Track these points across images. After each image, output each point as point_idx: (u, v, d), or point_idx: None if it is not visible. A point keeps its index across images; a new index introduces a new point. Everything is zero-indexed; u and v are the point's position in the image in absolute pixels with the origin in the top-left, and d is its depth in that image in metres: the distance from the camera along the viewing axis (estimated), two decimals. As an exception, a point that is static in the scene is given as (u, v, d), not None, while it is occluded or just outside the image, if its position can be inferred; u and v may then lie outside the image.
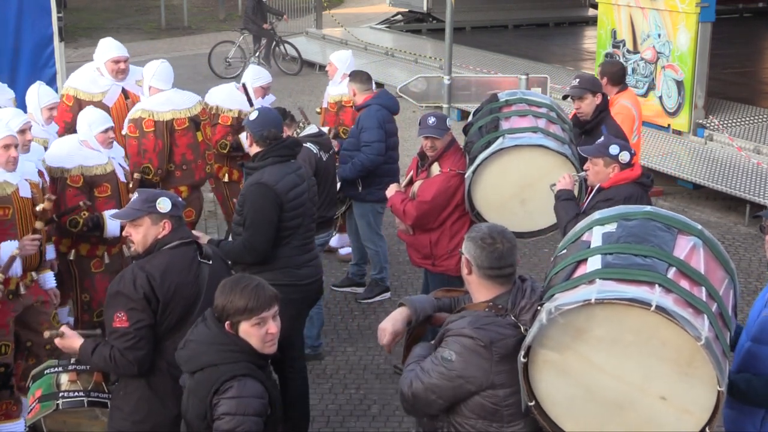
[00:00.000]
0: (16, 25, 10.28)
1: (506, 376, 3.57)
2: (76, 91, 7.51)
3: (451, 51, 10.59)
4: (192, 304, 4.34)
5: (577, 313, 3.33)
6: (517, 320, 3.61)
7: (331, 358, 7.11)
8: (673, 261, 3.44)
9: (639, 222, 3.60)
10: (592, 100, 6.97)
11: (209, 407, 3.68)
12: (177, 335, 4.25)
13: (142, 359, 4.27)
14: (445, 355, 3.60)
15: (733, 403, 4.03)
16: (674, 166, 10.83)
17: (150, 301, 4.25)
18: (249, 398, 3.65)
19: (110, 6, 28.83)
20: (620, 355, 3.34)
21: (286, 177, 5.51)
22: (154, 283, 4.26)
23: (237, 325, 3.75)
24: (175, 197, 4.57)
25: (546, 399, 3.50)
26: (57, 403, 4.50)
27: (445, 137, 6.27)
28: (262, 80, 8.14)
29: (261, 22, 18.21)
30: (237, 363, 3.72)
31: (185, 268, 4.38)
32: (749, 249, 9.19)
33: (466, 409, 3.64)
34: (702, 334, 3.20)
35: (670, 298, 3.28)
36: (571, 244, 3.72)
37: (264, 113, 5.65)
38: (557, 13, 21.74)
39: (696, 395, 3.30)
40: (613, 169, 5.63)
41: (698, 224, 3.70)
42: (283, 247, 5.54)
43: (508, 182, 6.07)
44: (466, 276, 3.78)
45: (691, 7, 10.98)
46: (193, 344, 3.83)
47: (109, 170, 6.25)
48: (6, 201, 5.47)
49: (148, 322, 4.26)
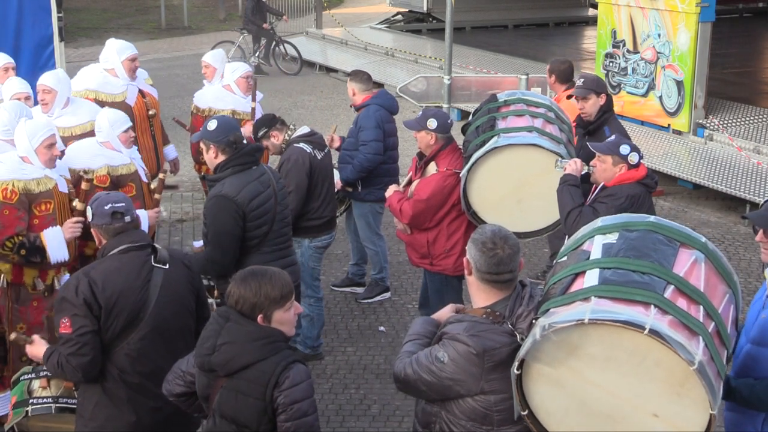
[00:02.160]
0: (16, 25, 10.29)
1: (498, 383, 3.57)
2: (96, 93, 7.47)
3: (451, 51, 10.61)
4: (140, 309, 4.24)
5: (570, 331, 3.32)
6: (514, 328, 3.61)
7: (331, 358, 7.11)
8: (671, 279, 3.39)
9: (641, 234, 3.55)
10: (596, 101, 6.96)
11: (269, 402, 3.68)
12: (125, 341, 4.23)
13: (86, 366, 4.19)
14: (438, 355, 3.62)
15: (733, 405, 4.03)
16: (674, 166, 10.83)
17: (91, 307, 4.16)
18: (305, 381, 3.72)
19: (110, 6, 28.83)
20: (614, 372, 3.32)
21: (247, 186, 5.46)
22: (96, 288, 4.17)
23: (271, 315, 3.76)
24: (128, 199, 4.49)
25: (539, 409, 3.50)
26: (26, 410, 4.51)
27: (423, 134, 6.25)
28: (240, 71, 8.04)
29: (261, 22, 18.23)
30: (280, 352, 3.73)
31: (132, 273, 4.27)
32: (749, 249, 9.19)
33: (457, 410, 3.65)
34: (695, 358, 3.17)
35: (666, 321, 3.25)
36: (572, 252, 3.68)
37: (222, 120, 5.59)
38: (557, 13, 21.75)
39: (688, 415, 3.28)
40: (621, 168, 5.64)
41: (702, 237, 3.62)
42: (254, 255, 5.52)
43: (503, 181, 6.07)
44: (467, 276, 3.79)
45: (691, 7, 10.99)
46: (228, 345, 3.73)
47: (132, 170, 6.29)
48: (48, 195, 5.55)
49: (90, 329, 4.16)
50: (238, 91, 7.97)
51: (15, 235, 5.36)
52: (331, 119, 14.06)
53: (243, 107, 7.98)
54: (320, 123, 13.29)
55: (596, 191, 5.79)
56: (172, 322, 4.34)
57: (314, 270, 6.98)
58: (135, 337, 4.24)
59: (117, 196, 4.46)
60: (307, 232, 6.82)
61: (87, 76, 7.62)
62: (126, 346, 4.24)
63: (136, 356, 4.26)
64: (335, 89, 16.64)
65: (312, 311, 6.94)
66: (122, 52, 7.59)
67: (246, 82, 7.97)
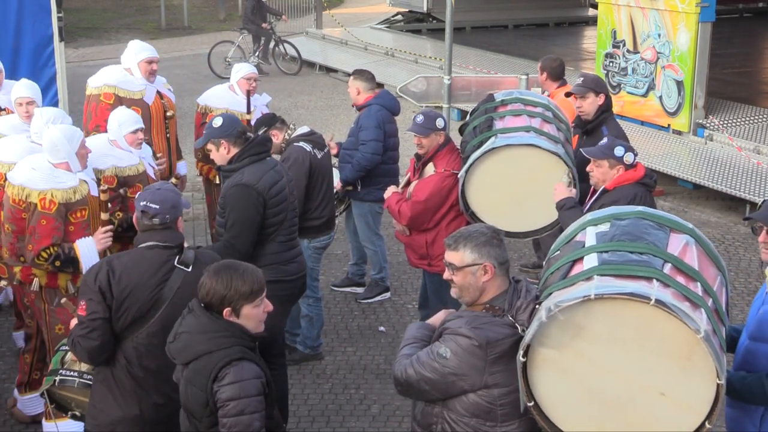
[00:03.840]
0: (16, 25, 10.29)
1: (501, 376, 3.58)
2: (116, 89, 7.44)
3: (451, 51, 10.59)
4: (151, 307, 4.27)
5: (576, 309, 3.33)
6: (515, 320, 3.62)
7: (331, 358, 7.11)
8: (668, 257, 3.45)
9: (631, 221, 3.63)
10: (595, 100, 6.96)
11: (210, 395, 3.73)
12: (135, 334, 4.27)
13: (93, 351, 4.26)
14: (440, 351, 3.63)
15: (733, 402, 4.05)
16: (674, 166, 10.83)
17: (105, 295, 4.23)
18: (249, 380, 3.73)
19: (110, 6, 28.84)
20: (619, 352, 3.35)
21: (266, 174, 5.55)
22: (112, 278, 4.23)
23: (239, 309, 3.81)
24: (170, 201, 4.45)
25: (545, 399, 3.51)
26: (55, 379, 4.68)
27: (433, 136, 6.27)
28: (243, 71, 8.05)
29: (260, 22, 18.24)
30: (230, 348, 3.77)
31: (151, 270, 4.30)
32: (749, 249, 9.19)
33: (460, 407, 3.66)
34: (701, 327, 3.22)
35: (669, 292, 3.30)
36: (564, 245, 3.73)
37: (226, 117, 5.67)
38: (557, 13, 21.74)
39: (695, 389, 3.31)
40: (618, 170, 5.65)
41: (689, 223, 3.73)
42: (269, 244, 5.59)
43: (501, 182, 6.06)
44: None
45: (691, 7, 10.99)
46: (185, 335, 3.85)
47: (141, 170, 6.26)
48: (84, 203, 5.57)
49: (101, 315, 4.23)
50: (239, 92, 7.98)
51: (51, 245, 5.37)
52: (331, 119, 14.07)
53: (238, 107, 7.97)
54: (320, 123, 13.30)
55: (596, 196, 5.78)
56: None
57: (313, 270, 6.98)
58: (144, 332, 4.27)
59: (155, 196, 4.39)
60: (306, 232, 6.81)
61: (107, 73, 7.60)
62: (135, 339, 4.28)
63: (144, 351, 4.30)
64: (335, 89, 16.64)
65: (311, 311, 6.94)
66: (140, 53, 7.58)
67: (247, 84, 7.98)
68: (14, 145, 6.14)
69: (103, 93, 7.42)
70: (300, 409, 6.36)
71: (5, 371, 6.81)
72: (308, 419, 6.27)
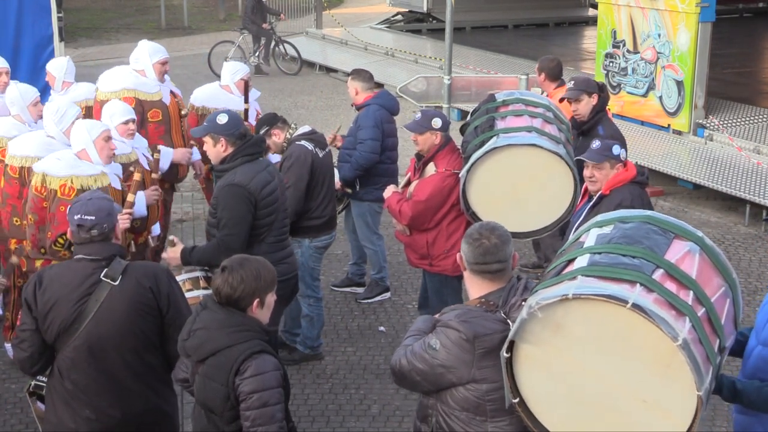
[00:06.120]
0: (16, 25, 10.32)
1: (489, 372, 3.59)
2: (136, 92, 7.43)
3: (451, 51, 10.60)
4: (73, 321, 4.11)
5: (555, 308, 3.32)
6: (507, 317, 3.63)
7: (331, 358, 7.11)
8: (661, 263, 3.41)
9: (635, 225, 3.60)
10: (588, 101, 6.97)
11: (232, 389, 3.73)
12: (63, 347, 4.15)
13: (24, 361, 4.22)
14: (431, 342, 3.66)
15: (743, 408, 3.98)
16: (674, 166, 10.82)
17: (30, 307, 4.15)
18: (270, 372, 3.74)
19: (110, 6, 28.84)
20: (599, 354, 3.31)
21: (258, 175, 5.60)
22: (38, 290, 4.15)
23: (265, 298, 3.87)
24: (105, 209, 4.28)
25: (529, 396, 3.50)
26: (30, 383, 4.64)
27: (428, 135, 6.28)
28: (241, 73, 8.04)
29: (260, 22, 18.23)
30: (249, 341, 3.78)
31: (73, 283, 4.14)
32: (749, 249, 9.20)
33: (452, 400, 3.68)
34: (679, 335, 3.15)
35: (650, 298, 3.24)
36: (570, 245, 3.75)
37: (232, 115, 5.72)
38: (557, 13, 21.74)
39: (677, 398, 3.24)
40: (617, 168, 5.66)
41: (699, 232, 3.64)
42: (259, 245, 5.61)
43: (502, 181, 6.07)
44: (463, 272, 3.85)
45: (691, 7, 10.99)
46: (201, 332, 3.83)
47: (133, 159, 6.36)
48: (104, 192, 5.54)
49: (29, 327, 4.15)
50: (236, 92, 7.97)
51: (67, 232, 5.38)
52: (331, 119, 14.06)
53: (236, 107, 7.97)
54: (320, 123, 13.29)
55: (594, 202, 5.74)
56: (107, 341, 4.15)
57: (314, 270, 6.97)
58: (70, 346, 4.16)
59: (88, 207, 4.21)
60: (307, 232, 6.82)
61: (121, 76, 7.55)
62: (63, 352, 4.18)
63: (70, 365, 4.19)
64: (335, 89, 16.64)
65: (312, 311, 6.94)
66: (155, 54, 7.59)
67: (243, 84, 7.99)
68: (31, 139, 6.32)
69: (122, 98, 7.27)
70: (300, 409, 6.36)
71: (5, 371, 6.81)
72: (308, 419, 6.27)
